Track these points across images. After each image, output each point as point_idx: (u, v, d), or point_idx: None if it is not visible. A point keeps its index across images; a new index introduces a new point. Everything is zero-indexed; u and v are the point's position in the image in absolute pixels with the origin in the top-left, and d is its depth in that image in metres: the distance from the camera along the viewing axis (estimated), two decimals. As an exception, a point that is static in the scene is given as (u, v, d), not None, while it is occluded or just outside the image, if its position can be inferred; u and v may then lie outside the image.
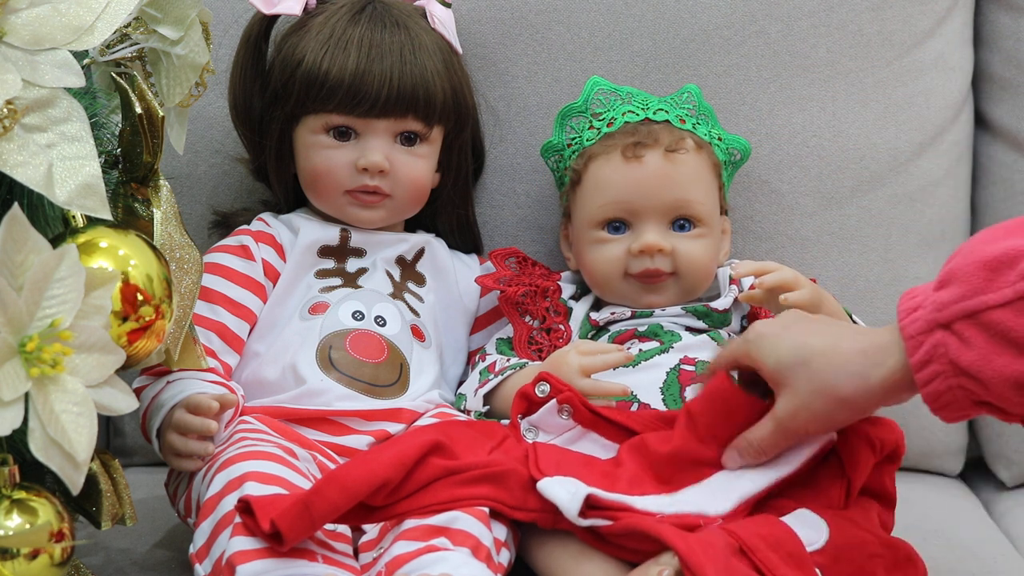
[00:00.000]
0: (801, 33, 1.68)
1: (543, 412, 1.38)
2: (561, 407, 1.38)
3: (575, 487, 1.27)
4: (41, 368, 1.12)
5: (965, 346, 1.16)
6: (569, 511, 1.25)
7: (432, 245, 1.61)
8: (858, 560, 1.27)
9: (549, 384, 1.39)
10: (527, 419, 1.39)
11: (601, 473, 1.32)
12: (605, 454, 1.37)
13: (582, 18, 1.67)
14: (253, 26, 1.59)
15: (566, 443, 1.38)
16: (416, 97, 1.53)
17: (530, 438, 1.38)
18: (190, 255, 1.30)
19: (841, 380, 1.23)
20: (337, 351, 1.49)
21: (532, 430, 1.39)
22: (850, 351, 1.24)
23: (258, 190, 1.66)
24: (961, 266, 1.18)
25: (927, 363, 1.18)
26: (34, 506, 1.18)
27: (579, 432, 1.38)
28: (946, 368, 1.17)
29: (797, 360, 1.26)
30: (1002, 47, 1.74)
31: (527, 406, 1.39)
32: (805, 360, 1.25)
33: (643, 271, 1.52)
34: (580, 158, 1.56)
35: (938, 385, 1.18)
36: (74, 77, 1.16)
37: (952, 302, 1.17)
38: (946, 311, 1.17)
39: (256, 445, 1.35)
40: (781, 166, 1.68)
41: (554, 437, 1.38)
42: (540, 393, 1.39)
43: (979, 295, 1.16)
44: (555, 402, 1.38)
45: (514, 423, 1.39)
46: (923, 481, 1.70)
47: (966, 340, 1.16)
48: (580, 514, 1.25)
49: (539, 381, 1.39)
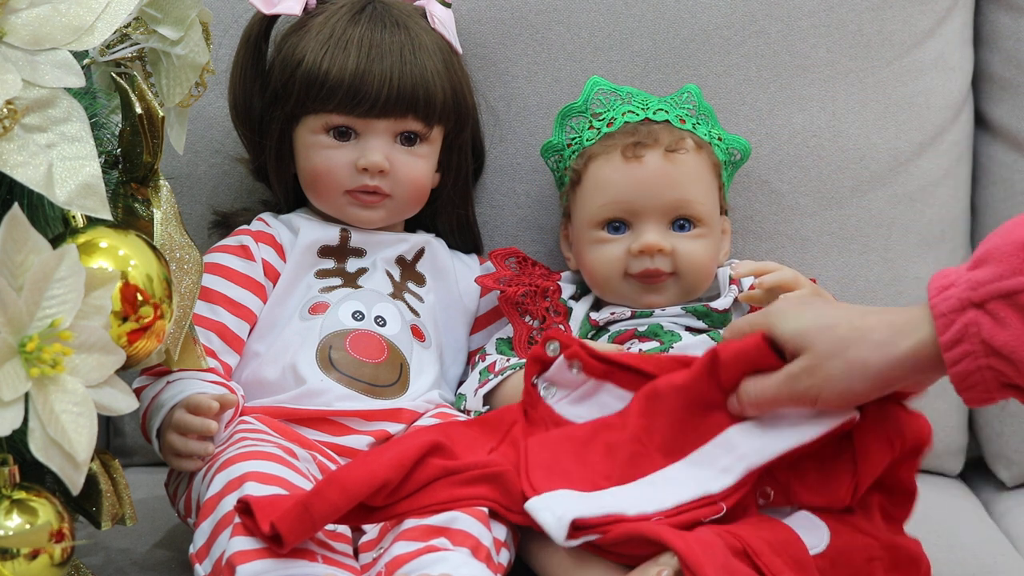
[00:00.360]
0: (801, 33, 1.68)
1: (555, 368, 1.37)
2: (571, 363, 1.37)
3: (562, 509, 1.25)
4: (41, 368, 1.12)
5: (999, 326, 1.14)
6: (556, 536, 1.24)
7: (432, 245, 1.61)
8: (856, 563, 1.27)
9: (559, 341, 1.38)
10: (543, 377, 1.38)
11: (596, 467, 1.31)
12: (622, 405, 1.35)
13: (582, 18, 1.67)
14: (253, 26, 1.59)
15: (583, 397, 1.36)
16: (416, 97, 1.53)
17: (549, 397, 1.37)
18: (190, 255, 1.30)
19: (865, 346, 1.19)
20: (337, 351, 1.49)
21: (549, 388, 1.38)
22: (877, 322, 1.20)
23: (258, 190, 1.66)
24: (998, 246, 1.15)
25: (958, 342, 1.15)
26: (34, 506, 1.18)
27: (594, 385, 1.36)
28: (977, 348, 1.15)
29: (821, 325, 1.22)
30: (1002, 47, 1.74)
31: (541, 367, 1.38)
32: (830, 325, 1.21)
33: (643, 271, 1.52)
34: (580, 158, 1.56)
35: (967, 365, 1.15)
36: (74, 77, 1.16)
37: (988, 281, 1.14)
38: (981, 290, 1.14)
39: (256, 445, 1.35)
40: (781, 166, 1.68)
41: (570, 392, 1.37)
42: (551, 352, 1.38)
43: (1017, 275, 1.13)
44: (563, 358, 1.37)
45: (528, 388, 1.39)
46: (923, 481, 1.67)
47: (1001, 320, 1.14)
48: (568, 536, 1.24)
49: (548, 340, 1.38)
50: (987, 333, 1.14)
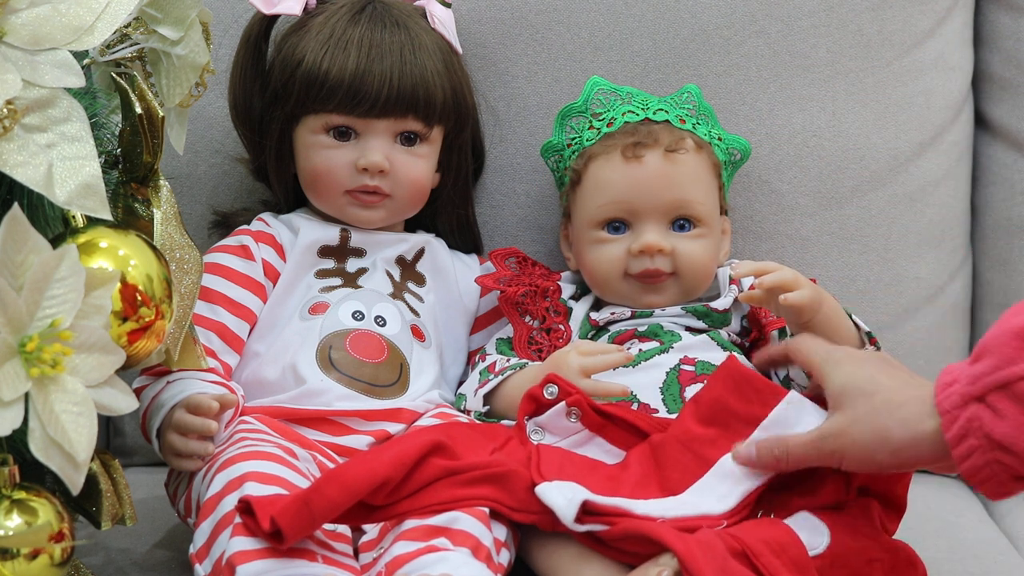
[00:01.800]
0: (801, 33, 1.68)
1: (551, 414, 1.38)
2: (570, 410, 1.38)
3: (572, 492, 1.26)
4: (41, 368, 1.12)
5: (998, 418, 1.14)
6: (565, 517, 1.25)
7: (432, 245, 1.61)
8: (856, 564, 1.27)
9: (558, 387, 1.38)
10: (534, 420, 1.39)
11: (605, 477, 1.32)
12: (610, 460, 1.37)
13: (582, 18, 1.67)
14: (253, 26, 1.59)
15: (571, 446, 1.37)
16: (416, 97, 1.53)
17: (536, 439, 1.38)
18: (190, 255, 1.30)
19: (893, 421, 1.20)
20: (337, 351, 1.49)
21: (539, 431, 1.39)
22: (911, 397, 1.21)
23: (258, 190, 1.66)
24: (996, 336, 1.15)
25: (963, 437, 1.15)
26: (34, 506, 1.18)
27: (585, 436, 1.38)
28: (982, 443, 1.15)
29: (864, 390, 1.23)
30: (1002, 47, 1.74)
31: (535, 407, 1.39)
32: (871, 392, 1.23)
33: (643, 271, 1.52)
34: (580, 158, 1.56)
35: (976, 460, 1.15)
36: (74, 77, 1.16)
37: (985, 374, 1.15)
38: (979, 383, 1.15)
39: (256, 445, 1.35)
40: (781, 166, 1.68)
41: (560, 440, 1.38)
42: (548, 395, 1.38)
43: (1011, 365, 1.13)
44: (564, 404, 1.37)
45: (520, 424, 1.39)
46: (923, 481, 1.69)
47: (999, 412, 1.14)
48: (577, 519, 1.25)
49: (547, 383, 1.39)
50: (988, 426, 1.14)
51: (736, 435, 1.31)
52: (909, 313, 1.70)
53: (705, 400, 1.34)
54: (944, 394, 1.17)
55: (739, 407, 1.32)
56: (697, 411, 1.34)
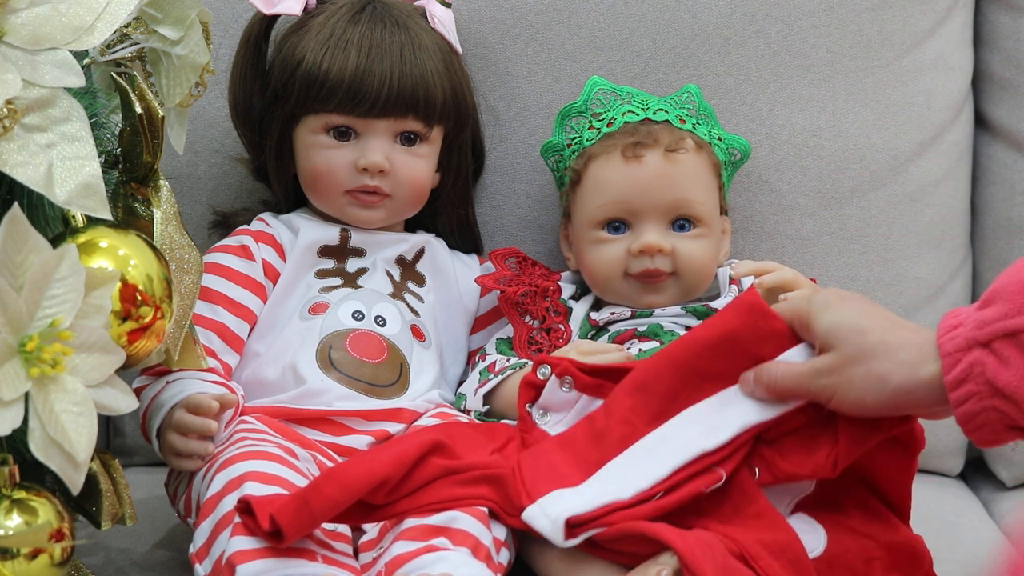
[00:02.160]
0: (801, 33, 1.68)
1: (547, 391, 1.37)
2: (562, 380, 1.37)
3: (555, 511, 1.25)
4: (41, 368, 1.12)
5: (1003, 365, 1.13)
6: (555, 539, 1.25)
7: (432, 245, 1.61)
8: (855, 564, 1.27)
9: (549, 365, 1.38)
10: (537, 404, 1.38)
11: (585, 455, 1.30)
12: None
13: (582, 18, 1.67)
14: (253, 26, 1.59)
15: (578, 416, 1.36)
16: (416, 97, 1.53)
17: (543, 424, 1.37)
18: (190, 255, 1.30)
19: (889, 362, 1.18)
20: (337, 351, 1.49)
21: (544, 414, 1.38)
22: (907, 340, 1.19)
23: (258, 190, 1.66)
24: (1006, 284, 1.14)
25: (962, 381, 1.15)
26: (34, 506, 1.18)
27: (586, 401, 1.36)
28: (982, 388, 1.14)
29: (855, 328, 1.20)
30: (1002, 47, 1.74)
31: (534, 393, 1.39)
32: (863, 329, 1.20)
33: (643, 271, 1.52)
34: (580, 158, 1.56)
35: (972, 405, 1.15)
36: (74, 77, 1.16)
37: (993, 320, 1.14)
38: (986, 329, 1.14)
39: (256, 445, 1.35)
40: (781, 166, 1.68)
41: (565, 415, 1.37)
42: (542, 376, 1.38)
43: (1021, 314, 1.12)
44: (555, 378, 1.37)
45: (523, 414, 1.39)
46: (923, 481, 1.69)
47: (1004, 359, 1.13)
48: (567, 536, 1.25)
49: (539, 366, 1.38)
50: (991, 373, 1.13)
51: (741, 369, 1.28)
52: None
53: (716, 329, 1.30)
54: (947, 336, 1.16)
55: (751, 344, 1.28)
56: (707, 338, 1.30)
